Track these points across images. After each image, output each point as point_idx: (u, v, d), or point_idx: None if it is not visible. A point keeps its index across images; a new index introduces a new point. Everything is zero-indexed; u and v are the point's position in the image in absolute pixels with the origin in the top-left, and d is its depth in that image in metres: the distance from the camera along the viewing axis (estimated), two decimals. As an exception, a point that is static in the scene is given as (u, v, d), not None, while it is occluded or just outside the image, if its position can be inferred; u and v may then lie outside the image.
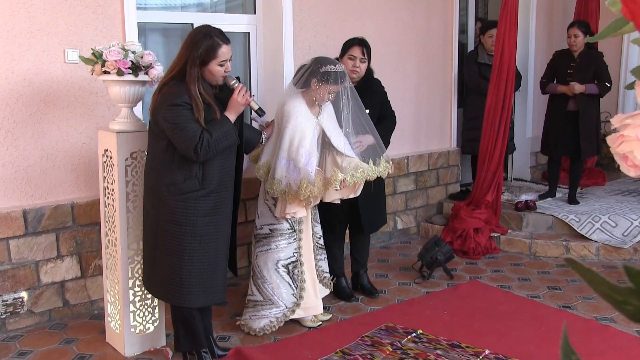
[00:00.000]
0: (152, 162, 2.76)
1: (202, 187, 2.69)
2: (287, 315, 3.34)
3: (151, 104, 2.73)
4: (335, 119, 3.34)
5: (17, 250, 3.30)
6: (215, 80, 2.73)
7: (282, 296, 3.31)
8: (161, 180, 2.70)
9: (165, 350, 3.12)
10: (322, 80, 3.17)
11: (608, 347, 3.16)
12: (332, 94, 3.23)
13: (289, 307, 3.33)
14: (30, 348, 3.17)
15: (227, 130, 2.67)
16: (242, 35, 4.35)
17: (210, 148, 2.61)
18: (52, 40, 3.33)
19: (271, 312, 3.31)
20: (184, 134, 2.58)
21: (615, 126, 0.68)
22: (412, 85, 5.12)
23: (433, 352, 3.09)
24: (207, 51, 2.63)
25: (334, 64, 3.19)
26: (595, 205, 5.09)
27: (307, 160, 3.15)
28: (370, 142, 3.35)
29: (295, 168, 3.14)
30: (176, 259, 2.73)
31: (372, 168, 3.24)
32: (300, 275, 3.37)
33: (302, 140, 3.15)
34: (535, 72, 5.92)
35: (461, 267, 4.47)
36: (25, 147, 3.33)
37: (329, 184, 3.12)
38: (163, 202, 2.70)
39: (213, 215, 2.75)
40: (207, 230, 2.74)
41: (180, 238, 2.70)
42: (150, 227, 2.80)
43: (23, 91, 3.29)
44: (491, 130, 4.86)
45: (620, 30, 0.65)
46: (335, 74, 3.16)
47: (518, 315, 3.58)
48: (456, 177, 5.59)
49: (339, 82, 3.19)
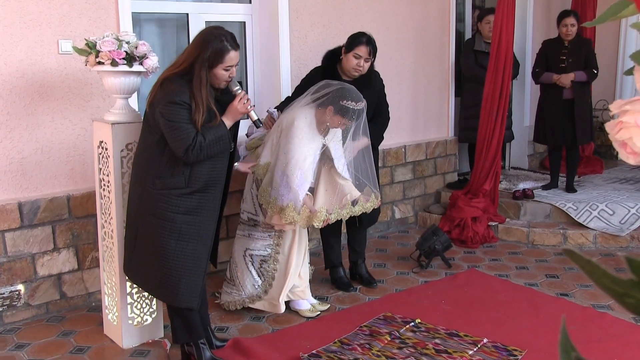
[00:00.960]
0: (143, 153, 2.73)
1: (187, 186, 2.66)
2: (246, 302, 3.42)
3: (150, 95, 2.69)
4: (340, 140, 3.35)
5: (13, 243, 3.29)
6: (218, 84, 2.70)
7: (244, 283, 3.41)
8: (148, 172, 2.68)
9: (164, 342, 3.12)
10: (339, 112, 3.14)
11: (605, 334, 3.16)
12: (343, 126, 3.22)
13: (247, 295, 3.41)
14: (27, 341, 3.16)
15: (221, 136, 2.64)
16: (238, 25, 4.31)
17: (202, 151, 2.59)
18: (45, 30, 3.30)
19: (232, 292, 3.45)
20: (177, 134, 2.56)
21: (614, 112, 0.66)
22: (409, 74, 5.09)
23: (431, 341, 3.10)
24: (215, 54, 2.60)
25: (355, 101, 3.13)
26: (592, 193, 5.09)
27: (301, 182, 3.15)
28: (364, 144, 3.36)
29: (287, 185, 3.15)
30: (155, 253, 2.72)
31: (360, 205, 3.31)
32: (271, 272, 3.39)
33: (302, 162, 3.16)
34: (533, 60, 5.89)
35: (459, 256, 4.47)
36: (19, 139, 3.30)
37: (312, 219, 3.17)
38: (147, 193, 2.69)
39: (195, 214, 2.70)
40: (187, 230, 2.70)
41: (159, 232, 2.69)
42: (133, 215, 2.80)
43: (16, 82, 3.26)
44: (489, 118, 4.85)
45: (620, 14, 0.63)
46: (353, 112, 3.13)
47: (516, 303, 3.59)
48: (454, 166, 5.58)
49: (354, 119, 3.17)
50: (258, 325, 3.35)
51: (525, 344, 3.05)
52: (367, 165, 3.38)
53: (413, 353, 2.97)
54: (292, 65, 4.30)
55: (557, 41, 5.04)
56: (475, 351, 2.99)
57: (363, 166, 3.38)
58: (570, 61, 4.93)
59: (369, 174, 3.39)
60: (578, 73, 4.90)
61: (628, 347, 3.03)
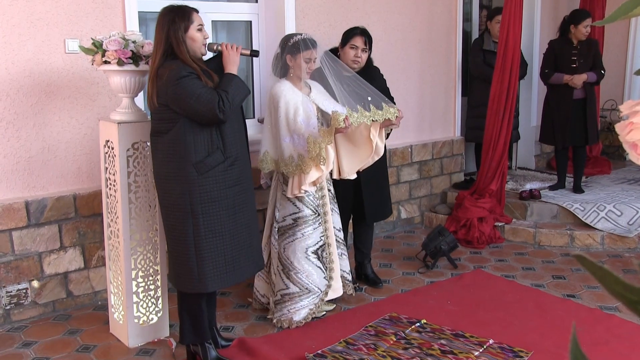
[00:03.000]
0: (172, 148, 2.66)
1: (225, 158, 2.71)
2: (323, 300, 3.38)
3: (149, 92, 2.67)
4: (328, 95, 3.36)
5: (20, 241, 3.30)
6: (199, 49, 2.72)
7: (316, 282, 3.32)
8: (186, 164, 2.64)
9: (169, 340, 3.12)
10: (294, 51, 3.22)
11: (612, 336, 3.14)
12: (308, 62, 3.24)
13: (323, 291, 3.37)
14: (34, 339, 3.17)
15: (237, 83, 2.70)
16: (244, 24, 4.31)
17: (231, 101, 2.63)
18: (52, 30, 3.31)
19: (309, 300, 3.31)
20: (202, 99, 2.57)
21: (624, 113, 0.65)
22: (415, 73, 5.08)
23: (437, 341, 3.08)
24: (181, 18, 2.65)
25: (299, 34, 3.26)
26: (600, 194, 5.06)
27: (307, 123, 3.18)
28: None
29: (299, 137, 3.17)
30: (218, 239, 2.71)
31: (378, 111, 3.25)
32: (329, 256, 3.40)
33: (297, 111, 3.18)
34: (541, 60, 5.86)
35: (465, 256, 4.45)
36: (26, 138, 3.32)
37: (333, 127, 3.07)
38: (194, 184, 2.65)
39: (240, 184, 2.78)
40: (240, 200, 2.78)
41: (218, 215, 2.70)
42: (182, 219, 2.68)
43: (23, 82, 3.27)
44: (495, 118, 4.83)
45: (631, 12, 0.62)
46: (303, 41, 3.21)
47: (522, 304, 3.57)
48: (460, 166, 5.56)
49: (310, 47, 3.22)
50: (263, 325, 3.35)
51: (532, 345, 3.03)
52: (374, 92, 3.35)
53: (418, 354, 2.96)
54: (299, 65, 4.29)
55: (566, 41, 5.00)
56: (481, 352, 2.98)
57: (370, 92, 3.34)
58: (581, 62, 4.91)
59: (379, 96, 3.34)
60: (590, 74, 4.89)
61: (635, 349, 3.01)
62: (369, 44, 3.62)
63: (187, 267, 2.72)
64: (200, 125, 2.64)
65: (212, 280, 2.73)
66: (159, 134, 2.71)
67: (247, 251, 2.84)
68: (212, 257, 2.71)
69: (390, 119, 3.30)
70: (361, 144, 3.41)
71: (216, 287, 2.78)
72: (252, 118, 4.35)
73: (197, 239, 2.68)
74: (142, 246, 3.08)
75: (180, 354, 2.98)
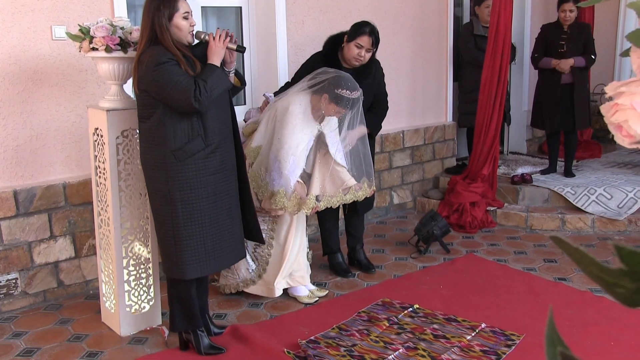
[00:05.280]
0: (152, 134, 2.66)
1: (206, 145, 2.68)
2: (240, 286, 3.43)
3: (134, 77, 2.67)
4: (337, 127, 3.33)
5: (9, 231, 3.27)
6: (185, 37, 2.68)
7: (238, 267, 3.40)
8: (165, 151, 2.63)
9: (162, 329, 3.12)
10: (334, 100, 3.13)
11: (602, 317, 3.17)
12: (338, 114, 3.21)
13: (242, 279, 3.42)
14: (25, 329, 3.16)
15: (218, 75, 2.65)
16: (234, 10, 4.27)
17: (209, 92, 2.58)
18: (38, 16, 3.26)
19: (228, 275, 3.45)
20: (178, 87, 2.54)
21: (610, 94, 0.64)
22: (407, 59, 5.05)
23: (429, 326, 3.10)
24: (166, 5, 2.61)
25: (350, 90, 3.12)
26: (590, 178, 5.08)
27: (293, 169, 3.16)
28: (362, 133, 3.35)
29: (279, 170, 3.16)
30: (197, 227, 2.70)
31: (352, 194, 3.32)
32: (265, 256, 3.40)
33: (295, 149, 3.16)
34: (531, 44, 5.84)
35: (457, 241, 4.46)
36: (14, 126, 3.28)
37: (302, 205, 3.18)
38: (173, 171, 2.65)
39: (222, 172, 2.76)
40: (221, 188, 2.75)
41: (198, 203, 2.69)
42: (163, 205, 2.70)
43: (9, 69, 3.23)
44: (487, 103, 4.82)
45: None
46: (348, 100, 3.12)
47: (514, 288, 3.59)
48: (452, 151, 5.56)
49: (348, 108, 3.16)
50: (256, 312, 3.35)
51: (523, 329, 3.05)
52: (362, 155, 3.37)
53: (411, 338, 2.98)
54: (289, 51, 4.26)
55: (556, 26, 5.00)
56: (474, 336, 3.00)
57: (359, 156, 3.37)
58: (570, 46, 4.90)
59: (364, 163, 3.38)
60: (577, 58, 4.88)
61: (625, 330, 3.04)
62: (376, 45, 3.54)
63: (168, 252, 2.76)
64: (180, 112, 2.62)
65: (191, 267, 2.73)
66: (142, 119, 2.71)
67: (229, 239, 2.83)
68: (192, 244, 2.71)
69: (358, 199, 3.39)
70: None
71: (195, 275, 2.77)
72: (243, 104, 4.32)
73: (176, 225, 2.69)
74: (132, 234, 3.07)
75: (172, 342, 2.98)
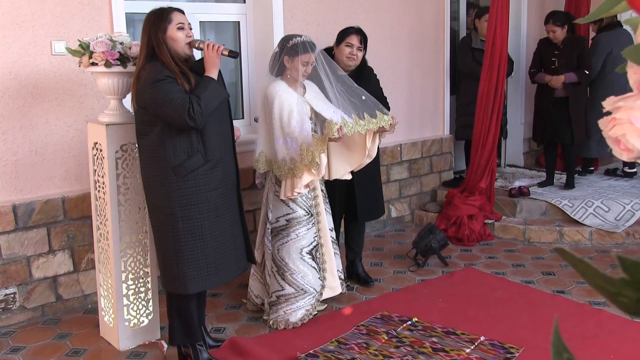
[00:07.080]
0: (152, 151, 2.67)
1: (206, 161, 2.68)
2: (318, 300, 3.38)
3: (132, 93, 2.69)
4: (323, 97, 3.35)
5: (8, 245, 3.27)
6: (182, 49, 2.69)
7: (312, 282, 3.32)
8: (165, 168, 2.64)
9: (160, 343, 3.11)
10: (292, 53, 3.20)
11: (602, 330, 3.17)
12: (305, 65, 3.23)
13: (318, 291, 3.36)
14: (23, 344, 3.15)
15: (213, 88, 2.66)
16: (232, 24, 4.30)
17: (204, 108, 2.58)
18: (39, 31, 3.28)
19: (305, 300, 3.30)
20: (173, 105, 2.55)
21: (607, 109, 0.66)
22: (404, 72, 5.09)
23: (428, 339, 3.09)
24: (159, 18, 2.64)
25: (299, 36, 3.25)
26: (588, 190, 5.10)
27: (301, 127, 3.16)
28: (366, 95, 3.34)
29: (292, 140, 3.16)
30: (199, 242, 2.70)
31: (372, 120, 3.23)
32: (322, 257, 3.40)
33: (291, 113, 3.17)
34: (528, 58, 5.90)
35: (456, 254, 4.47)
36: (13, 140, 3.29)
37: (327, 136, 3.07)
38: (173, 188, 2.65)
39: (223, 186, 2.76)
40: (222, 203, 2.76)
41: (199, 219, 2.68)
42: (163, 221, 2.70)
43: (9, 84, 3.24)
44: (484, 116, 4.85)
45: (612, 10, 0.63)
46: (302, 44, 3.20)
47: (512, 301, 3.59)
48: (450, 164, 5.58)
49: (309, 51, 3.21)
50: (255, 326, 3.34)
51: (522, 342, 3.05)
52: (365, 97, 3.32)
53: (410, 352, 2.97)
54: (287, 65, 4.28)
55: (550, 41, 5.05)
56: (472, 349, 2.99)
57: (361, 99, 3.31)
58: (562, 62, 4.94)
59: (370, 102, 3.32)
60: (568, 75, 4.91)
61: (624, 342, 3.04)
62: (364, 43, 3.65)
63: (169, 268, 2.75)
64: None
65: (193, 282, 2.73)
66: (141, 136, 2.73)
67: (231, 253, 2.83)
68: (193, 259, 2.71)
69: (384, 126, 3.30)
70: (354, 149, 3.42)
71: (197, 289, 2.77)
72: (241, 119, 4.34)
73: (177, 241, 2.69)
74: (131, 248, 3.07)
75: (171, 356, 2.97)
